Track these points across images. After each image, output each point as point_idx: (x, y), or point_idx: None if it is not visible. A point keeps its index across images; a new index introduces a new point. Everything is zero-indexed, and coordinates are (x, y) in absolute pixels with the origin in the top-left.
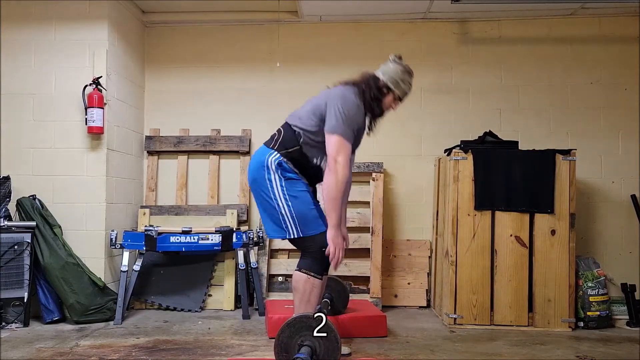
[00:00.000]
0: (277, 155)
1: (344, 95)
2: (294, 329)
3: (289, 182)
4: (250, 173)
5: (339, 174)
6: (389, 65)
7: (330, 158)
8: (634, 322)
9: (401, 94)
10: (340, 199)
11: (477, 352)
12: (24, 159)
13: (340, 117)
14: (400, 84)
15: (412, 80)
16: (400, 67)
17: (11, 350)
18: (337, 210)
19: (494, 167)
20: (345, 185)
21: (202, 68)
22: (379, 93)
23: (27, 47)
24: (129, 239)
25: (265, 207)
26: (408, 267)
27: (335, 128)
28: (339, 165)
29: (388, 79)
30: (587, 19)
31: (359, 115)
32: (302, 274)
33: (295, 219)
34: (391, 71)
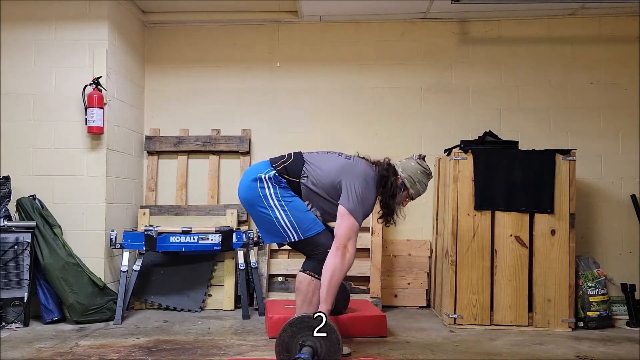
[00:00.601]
0: (274, 172)
1: (365, 177)
2: (296, 328)
3: (283, 189)
4: (241, 191)
5: (347, 260)
6: (411, 164)
7: (340, 242)
8: (634, 322)
9: (415, 194)
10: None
11: (477, 352)
12: (24, 159)
13: (359, 200)
14: (416, 184)
15: (428, 182)
16: (421, 169)
17: (11, 350)
18: (333, 296)
19: (494, 167)
20: None
21: (202, 68)
22: (397, 189)
23: (27, 47)
24: (128, 239)
25: (260, 220)
26: (408, 267)
27: (352, 208)
28: (348, 252)
29: (406, 177)
30: (587, 19)
31: (371, 202)
32: (306, 276)
33: (294, 223)
34: (411, 170)
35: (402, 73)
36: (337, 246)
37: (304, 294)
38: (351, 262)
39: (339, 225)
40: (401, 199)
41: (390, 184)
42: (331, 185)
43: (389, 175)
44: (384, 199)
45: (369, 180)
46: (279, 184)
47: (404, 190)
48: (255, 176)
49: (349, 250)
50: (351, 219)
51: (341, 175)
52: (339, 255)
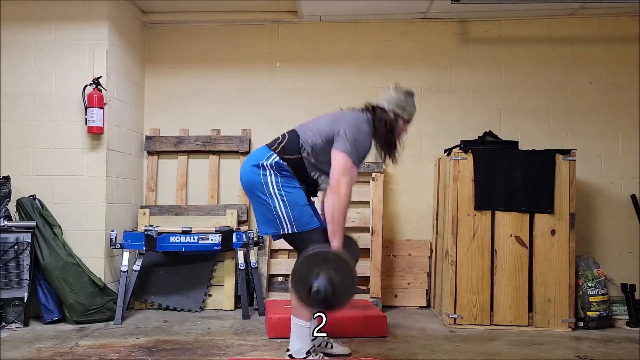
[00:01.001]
0: (276, 157)
1: (356, 122)
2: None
3: (285, 178)
4: (243, 173)
5: (342, 194)
6: (391, 94)
7: (334, 178)
8: (633, 322)
9: (409, 117)
10: (344, 221)
11: (477, 352)
12: (24, 159)
13: (351, 141)
14: (407, 107)
15: (414, 100)
16: (402, 92)
17: (11, 350)
18: (341, 233)
19: (494, 167)
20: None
21: (202, 68)
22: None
23: (27, 47)
24: (129, 239)
25: (260, 207)
26: (408, 267)
27: (343, 149)
28: (341, 186)
29: (394, 106)
30: (587, 19)
31: (367, 143)
32: None
33: (290, 214)
34: (394, 98)
35: (402, 73)
36: (331, 187)
37: None
38: (348, 197)
39: (333, 167)
40: (400, 130)
41: (385, 121)
42: (327, 142)
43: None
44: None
45: (359, 124)
46: (281, 172)
47: (399, 119)
48: (258, 162)
49: (342, 186)
50: (343, 157)
51: (333, 127)
52: (335, 194)
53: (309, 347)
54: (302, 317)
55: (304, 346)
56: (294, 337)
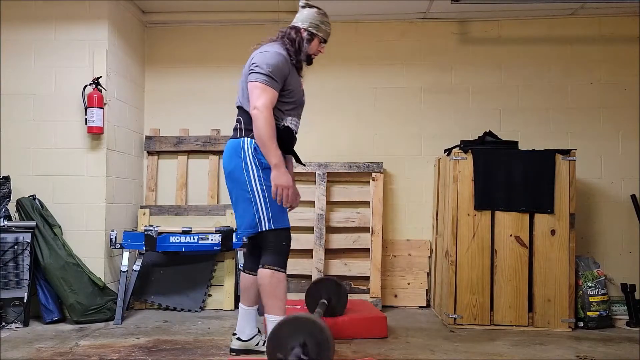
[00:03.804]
0: (249, 140)
1: (262, 51)
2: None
3: (265, 171)
4: (225, 164)
5: (260, 115)
6: (304, 12)
7: (251, 107)
8: (634, 322)
9: (325, 36)
10: (272, 140)
11: (477, 352)
12: (24, 159)
13: (259, 68)
14: (321, 26)
15: (328, 19)
16: (315, 10)
17: (11, 350)
18: (274, 150)
19: (494, 167)
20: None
21: (202, 68)
22: (305, 42)
23: (27, 47)
24: (128, 239)
25: (241, 201)
26: (408, 267)
27: (253, 77)
28: (259, 111)
29: (309, 25)
30: (587, 19)
31: (283, 63)
32: (265, 270)
33: (269, 210)
34: (308, 17)
35: (402, 73)
36: (251, 113)
37: (268, 288)
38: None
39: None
40: (314, 48)
41: (296, 41)
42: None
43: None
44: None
45: (268, 49)
46: (262, 163)
47: (313, 39)
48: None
49: (259, 108)
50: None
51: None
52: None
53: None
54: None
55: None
56: None
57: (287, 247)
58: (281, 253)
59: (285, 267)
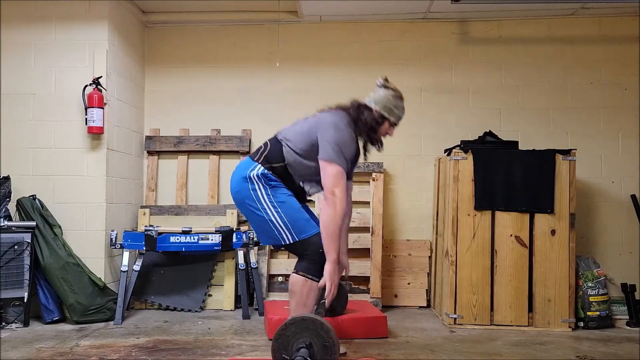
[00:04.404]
0: (261, 168)
1: (336, 125)
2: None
3: (274, 189)
4: (233, 187)
5: (337, 207)
6: (379, 92)
7: (327, 191)
8: (634, 322)
9: (396, 120)
10: (339, 234)
11: (477, 352)
12: (24, 159)
13: (334, 147)
14: (394, 110)
15: (403, 103)
16: (391, 93)
17: (11, 350)
18: (335, 245)
19: (494, 167)
20: (345, 218)
21: (202, 68)
22: (375, 123)
23: (27, 47)
24: (129, 239)
25: (254, 219)
26: (408, 267)
27: (330, 157)
28: (337, 198)
29: (381, 107)
30: (587, 19)
31: (351, 144)
32: (299, 277)
33: (288, 224)
34: (382, 98)
35: (402, 73)
36: (325, 196)
37: (299, 296)
38: (343, 207)
39: (323, 177)
40: (384, 131)
41: (365, 120)
42: (311, 147)
43: (359, 114)
44: (365, 135)
45: (340, 125)
46: (269, 183)
47: (384, 122)
48: (244, 175)
49: (337, 196)
50: (332, 165)
51: (314, 132)
52: (329, 205)
53: None
54: None
55: None
56: None
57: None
58: (317, 261)
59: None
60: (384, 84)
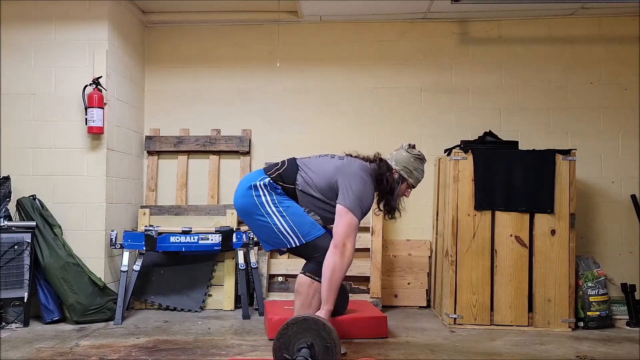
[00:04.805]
0: (269, 179)
1: (362, 177)
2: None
3: (279, 196)
4: (237, 198)
5: (345, 259)
6: (402, 154)
7: (339, 240)
8: (634, 322)
9: (414, 182)
10: (340, 283)
11: (477, 352)
12: (24, 159)
13: (356, 199)
14: (414, 172)
15: (424, 166)
16: (413, 156)
17: (11, 350)
18: (334, 295)
19: (494, 167)
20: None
21: (202, 68)
22: (394, 183)
23: (27, 47)
24: (129, 239)
25: (260, 227)
26: (408, 267)
27: (350, 206)
28: (347, 250)
29: (402, 169)
30: (587, 19)
31: (370, 199)
32: (306, 278)
33: (294, 228)
34: (404, 160)
35: (402, 73)
36: (335, 244)
37: (304, 297)
38: (350, 260)
39: (337, 224)
40: (401, 192)
41: (386, 180)
42: (328, 187)
43: (383, 172)
44: (382, 195)
45: (364, 177)
46: (275, 190)
47: (402, 183)
48: (250, 184)
49: (347, 248)
50: (349, 215)
51: (337, 175)
52: (338, 254)
53: None
54: None
55: None
56: None
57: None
58: (322, 263)
59: None
60: (408, 148)
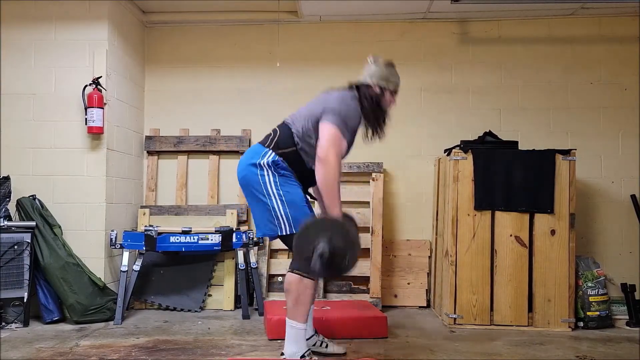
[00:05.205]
0: (272, 154)
1: (342, 98)
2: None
3: (283, 178)
4: (240, 170)
5: (332, 168)
6: (372, 68)
7: (321, 149)
8: (633, 322)
9: (395, 87)
10: (338, 186)
11: (477, 352)
12: (24, 159)
13: (338, 114)
14: (390, 79)
15: (396, 70)
16: (383, 66)
17: (11, 350)
18: (338, 202)
19: (494, 167)
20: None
21: (202, 68)
22: (377, 97)
23: (27, 47)
24: (128, 239)
25: (257, 204)
26: (408, 267)
27: (333, 121)
28: (330, 163)
29: (377, 80)
30: (587, 19)
31: (356, 117)
32: (294, 275)
33: (288, 214)
34: (377, 73)
35: (402, 73)
36: (318, 158)
37: (295, 295)
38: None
39: (320, 138)
40: (388, 102)
41: (370, 97)
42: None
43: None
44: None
45: (347, 99)
46: (279, 171)
47: (384, 94)
48: (255, 162)
49: (330, 161)
50: (333, 129)
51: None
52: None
53: (303, 351)
54: (297, 318)
55: (298, 349)
56: (288, 340)
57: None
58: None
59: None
60: (374, 60)
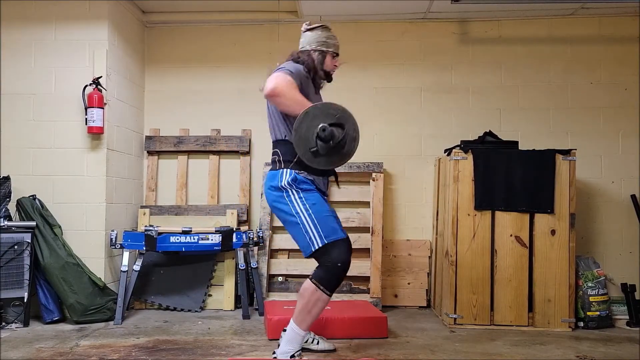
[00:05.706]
0: (288, 171)
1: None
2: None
3: (306, 192)
4: (267, 195)
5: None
6: (307, 35)
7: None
8: (634, 322)
9: (335, 49)
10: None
11: (477, 352)
12: (24, 159)
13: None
14: (328, 42)
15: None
16: (317, 30)
17: (11, 350)
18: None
19: (494, 167)
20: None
21: (202, 68)
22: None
23: (27, 47)
24: (129, 239)
25: (292, 227)
26: (408, 267)
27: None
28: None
29: (316, 45)
30: (587, 19)
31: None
32: (311, 284)
33: (318, 226)
34: (313, 38)
35: (402, 73)
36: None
37: (306, 302)
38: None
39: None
40: (330, 65)
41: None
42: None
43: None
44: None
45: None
46: (300, 187)
47: (326, 55)
48: (275, 185)
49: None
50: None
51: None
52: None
53: (294, 351)
54: (301, 325)
55: (291, 348)
56: (285, 339)
57: (341, 269)
58: (333, 273)
59: (331, 290)
60: (309, 27)
